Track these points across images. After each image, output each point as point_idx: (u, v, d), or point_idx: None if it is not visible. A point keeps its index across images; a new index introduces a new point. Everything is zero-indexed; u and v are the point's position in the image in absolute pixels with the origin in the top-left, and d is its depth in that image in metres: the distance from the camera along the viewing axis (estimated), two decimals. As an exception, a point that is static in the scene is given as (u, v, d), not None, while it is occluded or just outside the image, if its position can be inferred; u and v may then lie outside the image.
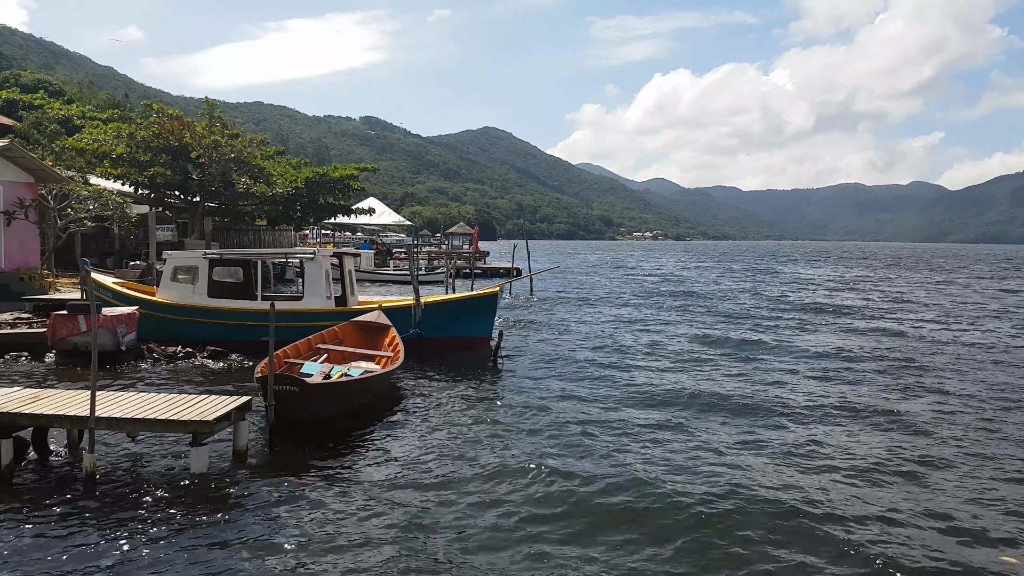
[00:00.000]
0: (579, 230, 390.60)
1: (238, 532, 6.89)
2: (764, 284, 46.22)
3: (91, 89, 74.61)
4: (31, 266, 21.94)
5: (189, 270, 16.60)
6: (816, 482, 8.65)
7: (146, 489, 7.86)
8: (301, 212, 37.03)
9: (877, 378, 15.11)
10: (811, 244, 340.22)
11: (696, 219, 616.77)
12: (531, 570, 6.33)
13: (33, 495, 7.68)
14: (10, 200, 21.27)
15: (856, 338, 21.21)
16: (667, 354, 17.78)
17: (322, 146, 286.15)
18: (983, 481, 8.84)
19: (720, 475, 8.75)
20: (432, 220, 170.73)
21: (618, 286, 43.12)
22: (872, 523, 7.46)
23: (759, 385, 14.25)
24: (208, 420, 7.92)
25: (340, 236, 65.91)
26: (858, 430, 11.05)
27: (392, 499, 7.81)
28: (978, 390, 14.00)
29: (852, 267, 75.40)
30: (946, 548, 6.94)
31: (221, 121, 34.39)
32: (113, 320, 14.69)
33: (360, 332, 15.10)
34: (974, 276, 59.60)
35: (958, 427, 11.30)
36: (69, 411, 8.08)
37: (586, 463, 9.09)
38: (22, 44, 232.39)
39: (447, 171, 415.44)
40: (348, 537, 6.86)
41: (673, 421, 11.29)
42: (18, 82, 63.85)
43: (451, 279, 28.35)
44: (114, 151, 30.40)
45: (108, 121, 36.09)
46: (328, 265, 17.08)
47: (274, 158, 42.25)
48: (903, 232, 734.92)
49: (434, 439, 10.06)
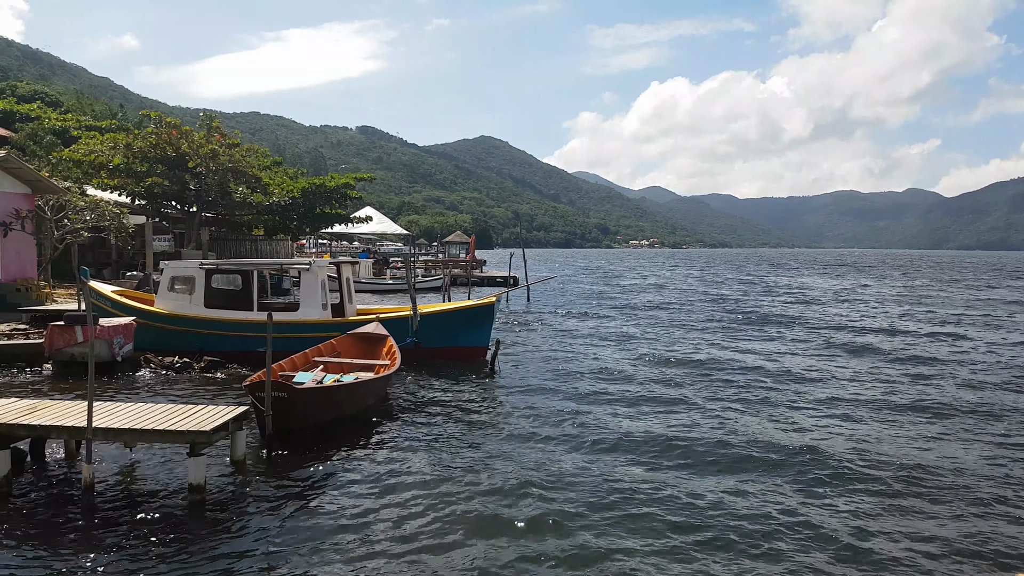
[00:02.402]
0: (576, 238, 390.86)
1: (235, 542, 6.90)
2: (775, 296, 46.26)
3: (86, 99, 74.51)
4: (28, 277, 21.92)
5: (186, 280, 16.59)
6: (824, 491, 8.69)
7: (143, 500, 7.87)
8: (298, 222, 37.06)
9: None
10: (812, 252, 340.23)
11: (693, 227, 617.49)
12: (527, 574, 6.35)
13: (30, 506, 7.69)
14: (7, 211, 21.27)
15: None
16: (663, 364, 17.81)
17: (319, 156, 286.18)
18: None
19: (713, 481, 8.79)
20: (429, 229, 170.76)
21: (610, 299, 43.13)
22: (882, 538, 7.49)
23: (757, 402, 14.26)
24: (205, 430, 7.92)
25: (337, 245, 65.94)
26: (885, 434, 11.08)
27: (390, 507, 7.82)
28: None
29: (892, 278, 69.73)
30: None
31: (220, 132, 34.44)
32: (110, 331, 14.70)
33: (358, 344, 15.10)
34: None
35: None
36: (66, 422, 8.08)
37: (579, 471, 9.12)
38: (18, 55, 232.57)
39: (444, 180, 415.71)
40: (346, 545, 6.88)
41: (667, 429, 11.33)
42: (14, 93, 63.82)
43: (448, 288, 28.41)
44: (111, 162, 30.42)
45: (105, 131, 36.12)
46: (325, 275, 17.07)
47: (271, 168, 42.30)
48: (900, 239, 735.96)
49: (430, 447, 10.07)
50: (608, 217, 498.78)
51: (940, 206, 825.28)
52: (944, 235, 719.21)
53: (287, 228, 37.98)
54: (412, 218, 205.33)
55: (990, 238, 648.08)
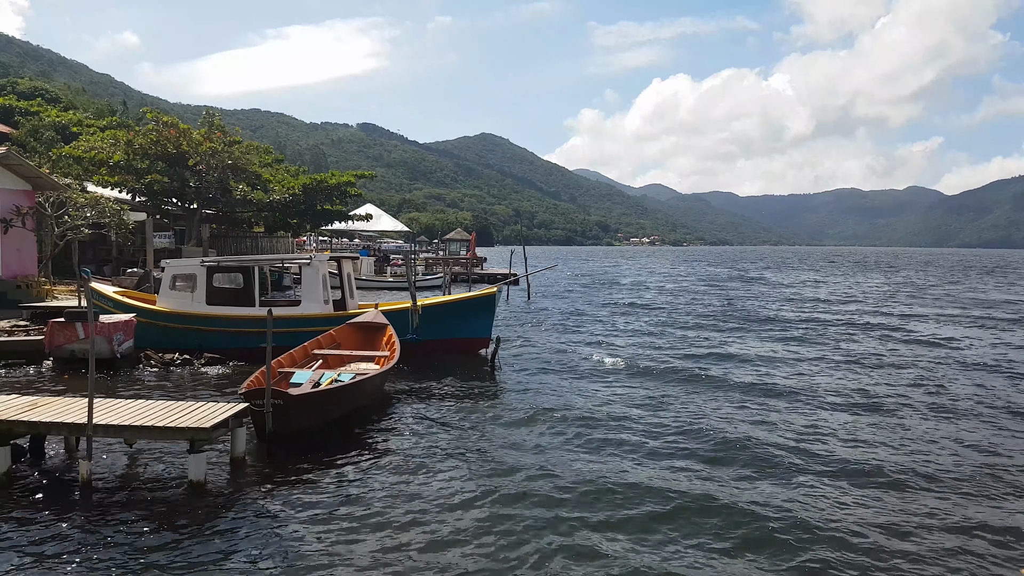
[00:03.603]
0: (576, 236, 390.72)
1: (235, 540, 6.90)
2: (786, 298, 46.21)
3: (86, 96, 74.42)
4: (28, 274, 21.93)
5: (187, 278, 16.57)
6: (830, 493, 8.68)
7: (143, 497, 7.86)
8: (298, 219, 37.06)
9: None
10: (812, 249, 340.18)
11: (693, 225, 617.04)
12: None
13: (30, 503, 7.68)
14: (7, 208, 21.28)
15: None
16: (666, 359, 17.79)
17: (319, 153, 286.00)
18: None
19: (710, 477, 8.78)
20: (430, 226, 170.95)
21: (612, 297, 43.12)
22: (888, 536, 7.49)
23: (758, 397, 14.26)
24: (205, 427, 7.92)
25: (337, 243, 65.92)
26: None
27: (390, 504, 7.82)
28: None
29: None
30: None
31: (221, 129, 34.42)
32: (110, 327, 14.70)
33: (358, 333, 15.10)
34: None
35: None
36: (66, 419, 8.08)
37: (580, 466, 9.11)
38: (19, 52, 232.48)
39: (444, 177, 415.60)
40: (346, 544, 6.87)
41: (667, 424, 11.32)
42: (15, 89, 63.75)
43: (448, 285, 28.42)
44: (111, 158, 30.43)
45: (106, 129, 36.11)
46: (326, 270, 17.07)
47: (272, 166, 42.28)
48: (901, 237, 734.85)
49: (430, 444, 10.07)
50: (609, 215, 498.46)
51: (941, 204, 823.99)
52: (945, 233, 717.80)
53: (288, 225, 37.97)
54: (413, 215, 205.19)
55: (992, 236, 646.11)
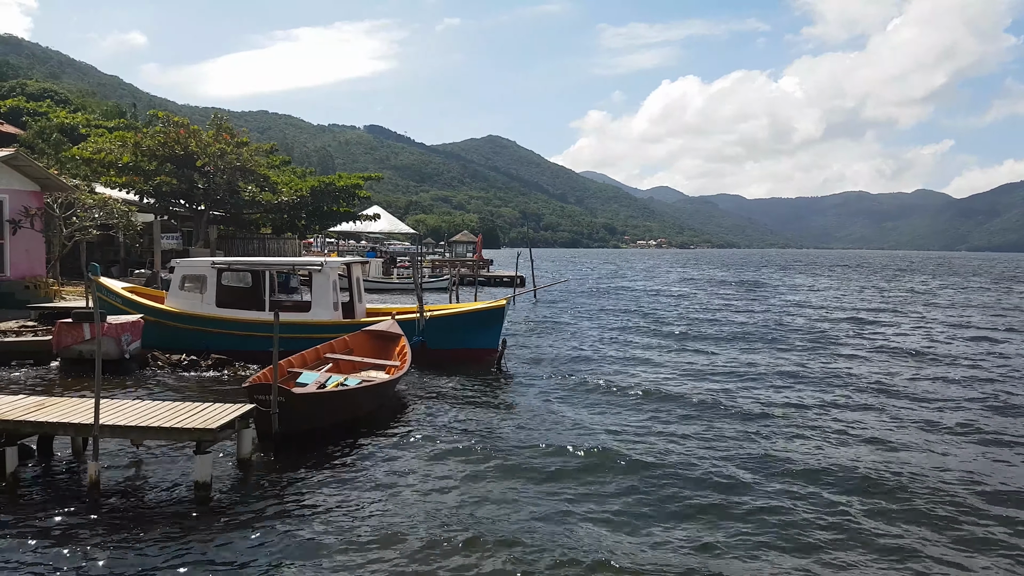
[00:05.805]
0: (583, 238, 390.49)
1: (241, 540, 6.88)
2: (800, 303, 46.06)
3: (94, 98, 74.73)
4: (36, 274, 21.98)
5: (197, 279, 16.48)
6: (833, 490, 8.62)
7: (150, 497, 7.87)
8: (306, 220, 37.07)
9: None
10: (820, 252, 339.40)
11: (700, 227, 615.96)
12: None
13: (37, 503, 7.69)
14: (16, 209, 21.34)
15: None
16: (670, 364, 17.75)
17: (326, 155, 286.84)
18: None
19: (717, 479, 8.74)
20: (436, 228, 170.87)
21: (619, 301, 43.05)
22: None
23: (762, 407, 14.18)
24: (212, 428, 7.90)
25: (344, 244, 65.98)
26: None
27: (396, 508, 7.80)
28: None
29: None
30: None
31: (230, 131, 34.48)
32: (117, 328, 14.71)
33: (372, 341, 14.98)
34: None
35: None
36: (74, 419, 8.08)
37: (580, 471, 9.09)
38: (28, 54, 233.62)
39: (451, 180, 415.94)
40: (353, 545, 6.85)
41: (674, 429, 11.28)
42: (24, 91, 64.08)
43: (455, 287, 28.39)
44: (119, 160, 30.52)
45: (114, 130, 36.24)
46: (336, 276, 16.87)
47: (280, 168, 42.33)
48: (909, 240, 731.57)
49: (436, 447, 10.04)
50: (615, 217, 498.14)
51: (949, 207, 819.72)
52: (954, 236, 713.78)
53: (295, 226, 38.00)
54: (419, 217, 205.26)
55: (1002, 240, 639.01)
